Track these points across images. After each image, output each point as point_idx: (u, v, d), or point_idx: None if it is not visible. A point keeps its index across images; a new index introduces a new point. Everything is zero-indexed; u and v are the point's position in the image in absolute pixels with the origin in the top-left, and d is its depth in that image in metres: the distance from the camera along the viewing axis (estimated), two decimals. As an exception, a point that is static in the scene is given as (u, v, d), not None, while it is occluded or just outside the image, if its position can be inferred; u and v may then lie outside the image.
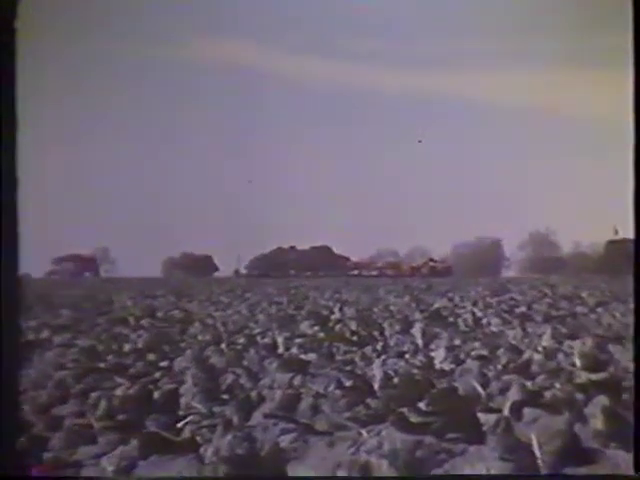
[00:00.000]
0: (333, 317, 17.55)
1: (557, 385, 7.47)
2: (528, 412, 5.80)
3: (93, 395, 7.32)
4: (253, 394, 7.32)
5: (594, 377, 7.71)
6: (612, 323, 14.63)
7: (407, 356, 10.30)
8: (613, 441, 5.53)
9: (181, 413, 6.98)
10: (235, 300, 27.11)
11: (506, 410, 6.23)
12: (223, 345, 11.70)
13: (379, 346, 11.51)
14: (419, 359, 9.93)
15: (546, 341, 11.34)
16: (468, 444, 5.26)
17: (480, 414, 5.96)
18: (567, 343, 10.74)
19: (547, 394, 6.88)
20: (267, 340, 12.31)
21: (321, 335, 13.09)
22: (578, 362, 8.82)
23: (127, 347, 11.81)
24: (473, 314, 17.46)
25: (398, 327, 14.14)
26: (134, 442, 5.64)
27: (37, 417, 6.70)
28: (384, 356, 10.12)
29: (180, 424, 6.46)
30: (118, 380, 8.29)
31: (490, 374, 8.12)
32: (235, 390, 7.93)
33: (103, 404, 6.98)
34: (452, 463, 5.10)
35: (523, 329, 13.39)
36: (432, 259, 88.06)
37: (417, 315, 17.65)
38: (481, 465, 5.04)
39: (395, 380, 8.10)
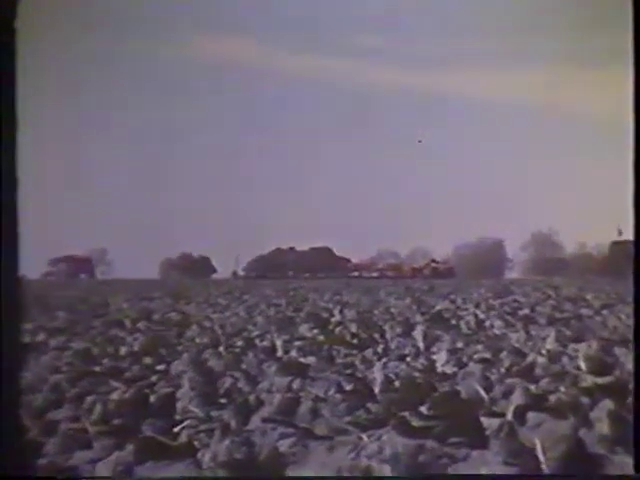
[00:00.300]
0: (333, 319, 17.54)
1: (562, 389, 7.46)
2: (532, 416, 5.80)
3: (88, 399, 7.30)
4: (251, 398, 7.31)
5: (600, 381, 7.70)
6: (618, 325, 14.62)
7: (408, 359, 10.30)
8: (619, 446, 5.52)
9: (178, 417, 6.96)
10: (233, 302, 27.10)
11: (509, 414, 6.22)
12: (221, 348, 11.68)
13: (380, 349, 11.50)
14: (420, 362, 9.93)
15: (550, 344, 11.33)
16: (471, 449, 5.26)
17: (483, 418, 5.95)
18: (572, 346, 10.74)
19: (551, 398, 6.87)
20: (266, 343, 12.30)
21: (321, 338, 13.07)
22: (583, 365, 8.81)
23: (123, 350, 11.80)
24: (475, 316, 17.45)
25: (399, 329, 14.14)
26: (130, 447, 5.63)
27: (31, 422, 6.69)
28: (385, 359, 10.11)
29: (177, 429, 6.45)
30: (114, 384, 8.28)
31: (493, 377, 8.12)
32: (233, 394, 7.92)
33: (98, 408, 6.97)
34: (454, 468, 5.10)
35: (527, 332, 13.38)
36: (434, 260, 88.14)
37: (418, 317, 17.64)
38: (484, 470, 5.03)
39: (396, 383, 8.09)
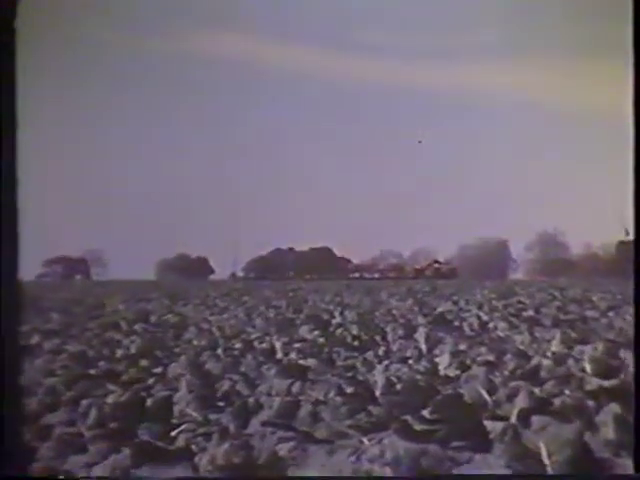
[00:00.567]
0: (333, 321, 17.55)
1: (567, 392, 7.46)
2: (536, 420, 5.79)
3: (84, 403, 7.31)
4: (250, 401, 7.32)
5: (605, 384, 7.70)
6: (624, 327, 14.61)
7: (410, 362, 10.30)
8: (625, 450, 5.53)
9: (175, 421, 6.97)
10: (231, 304, 27.11)
11: (514, 418, 6.23)
12: (219, 350, 11.69)
13: (381, 351, 11.50)
14: (423, 365, 9.93)
15: (555, 346, 11.33)
16: (474, 452, 5.26)
17: (486, 422, 5.95)
18: (577, 348, 10.74)
19: (556, 401, 6.88)
20: (265, 345, 12.31)
21: (321, 340, 13.08)
22: (588, 368, 8.81)
23: (119, 353, 11.81)
24: (479, 318, 17.45)
25: (401, 331, 14.14)
26: (126, 451, 5.64)
27: (26, 425, 6.69)
28: (386, 362, 10.12)
29: (174, 432, 6.46)
30: (110, 387, 8.29)
31: (497, 380, 8.11)
32: (232, 397, 7.93)
33: (94, 412, 6.97)
34: (457, 472, 5.09)
35: (531, 334, 13.38)
36: (437, 261, 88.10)
37: (421, 319, 17.65)
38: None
39: (398, 386, 8.09)
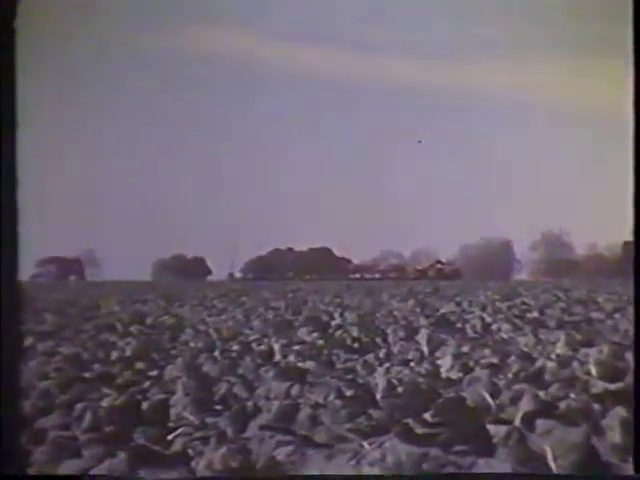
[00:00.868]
0: (333, 323, 17.56)
1: (572, 395, 7.46)
2: (541, 423, 5.79)
3: (78, 406, 7.31)
4: (248, 404, 7.31)
5: (611, 387, 7.70)
6: (630, 329, 14.62)
7: (412, 364, 10.30)
8: (631, 455, 5.52)
9: (171, 425, 6.97)
10: (229, 305, 27.11)
11: (517, 421, 6.23)
12: (216, 353, 11.69)
13: (382, 353, 11.51)
14: (424, 367, 9.93)
15: (560, 348, 11.34)
16: (477, 457, 5.26)
17: (490, 425, 5.95)
18: (582, 351, 10.74)
19: (561, 404, 6.88)
20: (263, 347, 12.31)
21: (320, 342, 13.08)
22: (594, 371, 8.81)
23: (114, 355, 11.81)
24: (482, 320, 17.45)
25: (402, 333, 14.14)
26: (121, 455, 5.63)
27: (20, 429, 6.69)
28: (387, 364, 10.12)
29: (171, 436, 6.46)
30: (105, 390, 8.28)
31: (500, 383, 8.12)
32: (229, 400, 7.93)
33: (89, 415, 6.97)
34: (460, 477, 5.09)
35: (535, 336, 13.39)
36: (439, 261, 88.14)
37: (422, 321, 17.65)
38: (490, 478, 5.03)
39: (399, 389, 8.09)
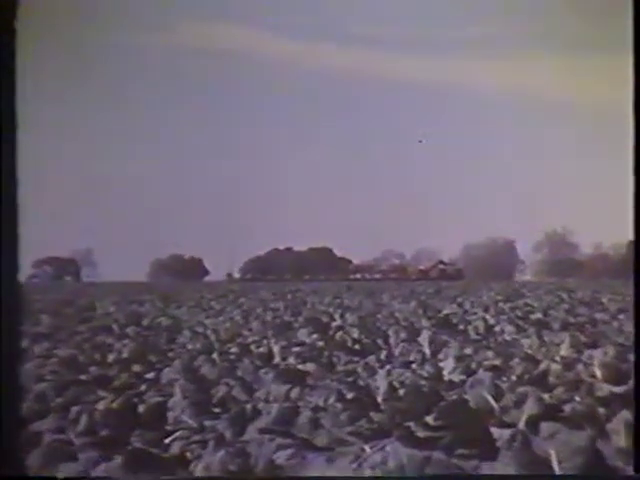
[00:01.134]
0: (333, 324, 17.56)
1: (577, 398, 7.46)
2: (545, 427, 5.79)
3: (74, 409, 7.30)
4: (247, 407, 7.31)
5: (616, 389, 7.70)
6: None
7: (414, 366, 10.30)
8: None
9: (169, 428, 6.96)
10: (227, 306, 27.12)
11: (521, 424, 6.22)
12: (215, 355, 11.68)
13: (383, 355, 11.50)
14: (426, 369, 9.92)
15: (564, 350, 11.34)
16: (480, 461, 5.26)
17: (493, 429, 5.94)
18: (587, 352, 10.74)
19: (566, 407, 6.88)
20: (262, 349, 12.31)
21: (320, 344, 13.08)
22: (599, 373, 8.81)
23: (111, 357, 11.80)
24: (485, 321, 17.45)
25: (404, 335, 14.13)
26: (118, 459, 5.63)
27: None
28: (389, 366, 10.11)
29: (168, 440, 6.45)
30: (101, 393, 8.28)
31: (504, 386, 8.10)
32: (228, 403, 7.92)
33: (84, 419, 6.97)
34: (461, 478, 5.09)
35: (539, 337, 13.38)
36: (442, 261, 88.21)
37: (424, 322, 17.66)
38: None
39: (400, 392, 8.09)
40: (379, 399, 7.85)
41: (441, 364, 10.29)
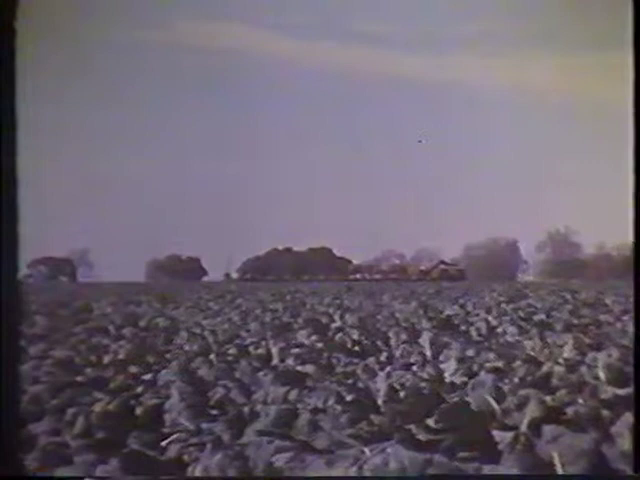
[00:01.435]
0: (333, 325, 17.55)
1: (580, 400, 7.46)
2: (548, 430, 5.79)
3: (70, 411, 7.31)
4: (245, 409, 7.31)
5: (620, 392, 7.70)
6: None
7: (414, 368, 10.30)
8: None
9: (166, 430, 6.97)
10: (225, 307, 27.12)
11: (523, 427, 6.22)
12: (212, 356, 11.68)
13: (383, 357, 11.50)
14: (427, 371, 9.93)
15: (567, 352, 11.34)
16: (482, 464, 5.26)
17: (495, 432, 5.95)
18: (590, 354, 10.74)
19: (569, 410, 6.88)
20: (260, 351, 12.31)
21: (320, 345, 13.08)
22: (603, 375, 8.81)
23: (107, 359, 11.80)
24: (487, 322, 17.46)
25: (404, 336, 14.13)
26: (114, 462, 5.63)
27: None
28: (389, 368, 10.11)
29: (165, 442, 6.45)
30: (97, 395, 8.28)
31: (506, 388, 8.11)
32: (225, 405, 7.92)
33: (80, 421, 6.97)
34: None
35: (542, 339, 13.39)
36: (443, 262, 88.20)
37: (425, 323, 17.66)
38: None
39: (401, 394, 8.09)
40: (379, 401, 7.85)
41: (442, 366, 10.29)
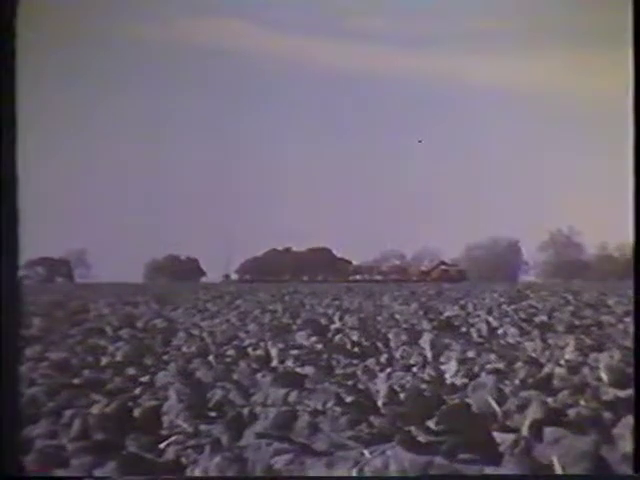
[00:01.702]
0: (332, 326, 17.56)
1: (581, 402, 7.47)
2: (549, 432, 5.80)
3: (67, 413, 7.31)
4: (244, 411, 7.32)
5: (622, 394, 7.70)
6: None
7: (415, 369, 10.31)
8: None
9: (164, 432, 6.97)
10: (224, 308, 27.12)
11: (525, 429, 6.23)
12: (211, 357, 11.69)
13: (383, 358, 11.51)
14: (428, 373, 9.94)
15: (569, 353, 11.35)
16: (482, 466, 5.26)
17: (496, 433, 5.95)
18: (592, 356, 10.75)
19: (571, 412, 6.88)
20: (259, 352, 12.31)
21: (319, 346, 13.09)
22: (604, 377, 8.82)
23: (104, 360, 11.80)
24: (488, 323, 17.47)
25: (405, 337, 14.15)
26: (112, 464, 5.64)
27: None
28: (389, 369, 10.13)
29: (163, 444, 6.46)
30: (94, 397, 8.28)
31: (507, 390, 8.12)
32: (224, 407, 7.93)
33: (77, 423, 6.97)
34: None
35: (543, 340, 13.40)
36: (443, 262, 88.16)
37: (426, 324, 17.67)
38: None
39: (401, 396, 8.10)
40: (379, 403, 7.86)
41: (443, 367, 10.30)
